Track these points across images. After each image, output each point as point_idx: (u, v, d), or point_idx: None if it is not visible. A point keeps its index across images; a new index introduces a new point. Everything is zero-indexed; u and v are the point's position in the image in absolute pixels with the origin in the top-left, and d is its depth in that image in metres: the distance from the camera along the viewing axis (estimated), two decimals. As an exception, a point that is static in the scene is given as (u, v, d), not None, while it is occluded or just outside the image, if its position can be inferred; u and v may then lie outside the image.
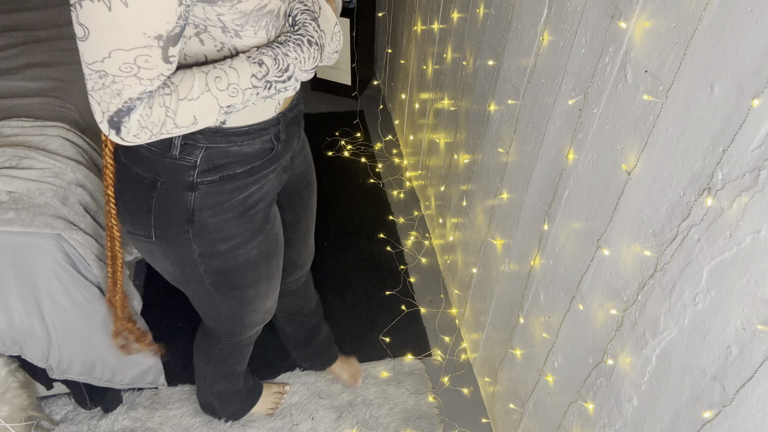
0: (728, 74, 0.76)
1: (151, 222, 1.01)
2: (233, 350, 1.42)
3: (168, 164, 0.95)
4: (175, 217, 1.00)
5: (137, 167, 0.98)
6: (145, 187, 0.98)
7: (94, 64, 0.74)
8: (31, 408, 1.45)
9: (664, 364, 0.93)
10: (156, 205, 0.99)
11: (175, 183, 0.97)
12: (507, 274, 1.53)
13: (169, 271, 1.10)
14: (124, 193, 1.02)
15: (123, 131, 0.79)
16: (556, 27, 1.17)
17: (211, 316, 1.25)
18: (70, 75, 1.66)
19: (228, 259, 1.07)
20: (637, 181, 0.96)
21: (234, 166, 0.98)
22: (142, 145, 0.95)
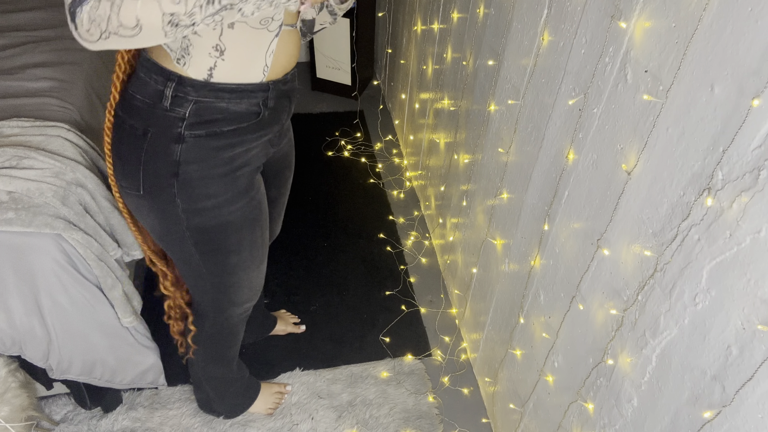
0: (728, 74, 0.76)
1: (140, 174, 1.05)
2: (221, 330, 1.43)
3: (159, 115, 1.01)
4: (162, 170, 1.04)
5: (131, 119, 1.03)
6: (137, 138, 1.03)
7: None
8: (31, 408, 1.45)
9: (664, 364, 0.93)
10: (145, 156, 1.04)
11: (164, 134, 1.02)
12: (507, 274, 1.53)
13: (155, 228, 1.14)
14: (119, 145, 1.07)
15: (77, 23, 0.80)
16: (556, 27, 1.17)
17: (196, 286, 1.28)
18: (70, 75, 1.66)
19: (210, 217, 1.11)
20: (637, 181, 0.96)
21: (221, 124, 1.03)
22: (136, 97, 1.02)
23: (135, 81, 1.03)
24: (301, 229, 2.31)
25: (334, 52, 2.90)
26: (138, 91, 1.02)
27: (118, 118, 1.06)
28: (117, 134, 1.07)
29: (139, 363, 1.60)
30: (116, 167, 1.10)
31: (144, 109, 1.02)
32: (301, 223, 2.34)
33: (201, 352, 1.51)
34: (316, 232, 2.31)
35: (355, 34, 2.78)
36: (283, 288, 2.06)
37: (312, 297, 2.06)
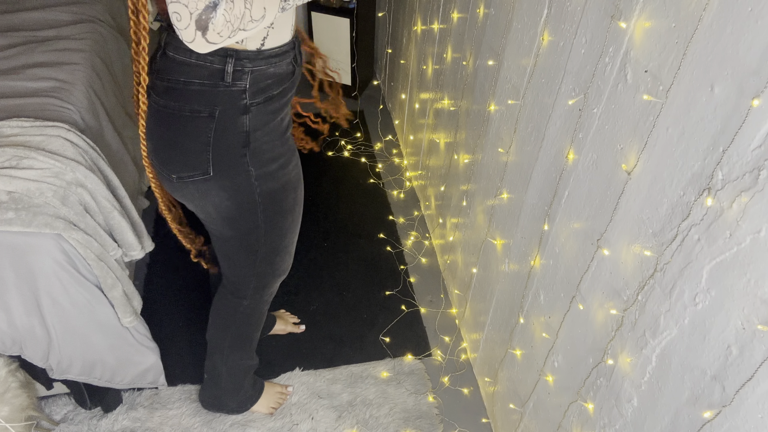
0: (728, 74, 0.76)
1: (209, 156, 1.08)
2: (255, 309, 1.46)
3: (222, 93, 1.04)
4: (234, 143, 1.08)
5: (192, 104, 1.05)
6: (202, 122, 1.06)
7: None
8: (31, 408, 1.45)
9: (664, 364, 0.93)
10: (214, 136, 1.07)
11: (232, 108, 1.05)
12: (507, 274, 1.53)
13: (222, 206, 1.16)
14: (175, 136, 1.08)
15: (209, 29, 0.86)
16: (556, 27, 1.17)
17: (244, 264, 1.32)
18: (70, 75, 1.66)
19: (277, 178, 1.18)
20: (637, 181, 0.96)
21: (273, 87, 1.08)
22: (192, 82, 1.03)
23: (182, 68, 1.03)
24: (301, 229, 2.31)
25: (334, 52, 2.90)
26: (193, 76, 1.03)
27: (168, 110, 1.07)
28: (171, 126, 1.08)
29: (139, 363, 1.60)
30: (173, 160, 1.11)
31: (205, 91, 1.04)
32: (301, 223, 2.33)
33: (228, 337, 1.52)
34: (316, 232, 2.31)
35: (355, 34, 2.78)
36: (283, 288, 2.06)
37: (312, 297, 2.06)
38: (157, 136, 1.11)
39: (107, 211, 1.44)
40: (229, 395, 1.65)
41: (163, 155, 1.12)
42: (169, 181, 1.15)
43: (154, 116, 1.10)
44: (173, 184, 1.15)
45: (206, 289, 2.03)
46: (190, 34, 0.87)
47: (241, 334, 1.52)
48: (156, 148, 1.13)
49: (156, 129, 1.11)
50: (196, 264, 2.11)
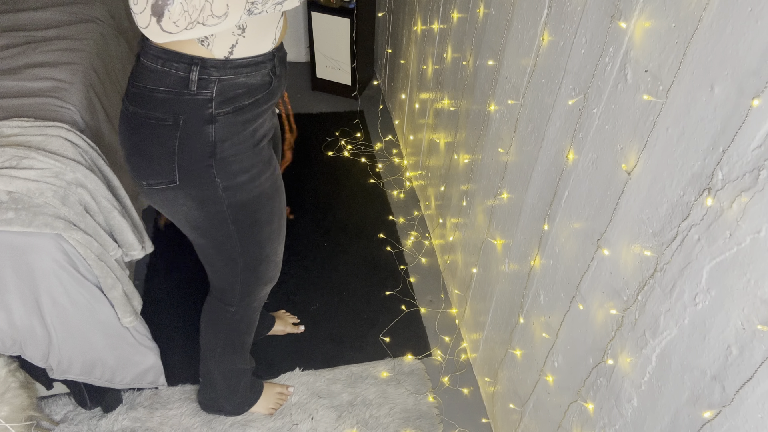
0: (728, 74, 0.76)
1: (174, 165, 1.07)
2: (244, 315, 1.46)
3: (187, 101, 1.02)
4: (199, 153, 1.06)
5: (156, 112, 1.03)
6: (167, 130, 1.04)
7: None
8: (31, 408, 1.45)
9: (664, 364, 0.93)
10: (179, 144, 1.05)
11: (197, 118, 1.04)
12: (507, 274, 1.53)
13: (192, 216, 1.15)
14: (142, 143, 1.07)
15: (165, 17, 0.83)
16: (556, 27, 1.17)
17: (226, 272, 1.31)
18: (70, 75, 1.66)
19: (248, 190, 1.15)
20: (637, 181, 0.96)
21: (243, 98, 1.06)
22: (157, 89, 1.02)
23: (149, 75, 1.03)
24: (300, 229, 2.31)
25: (334, 52, 2.90)
26: (157, 83, 1.02)
27: (138, 116, 1.06)
28: (139, 133, 1.07)
29: (139, 363, 1.60)
30: (141, 167, 1.10)
31: (170, 99, 1.02)
32: (301, 223, 2.34)
33: (220, 342, 1.52)
34: (316, 232, 2.31)
35: (355, 34, 2.78)
36: (283, 288, 2.06)
37: (312, 297, 2.06)
38: (127, 142, 1.10)
39: (107, 211, 1.44)
40: (225, 398, 1.65)
41: (132, 161, 1.11)
42: (140, 186, 1.14)
43: (125, 122, 1.09)
44: (144, 190, 1.14)
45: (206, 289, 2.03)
46: (144, 19, 0.85)
47: (233, 340, 1.52)
48: (127, 153, 1.12)
49: (126, 134, 1.10)
50: (196, 264, 2.11)
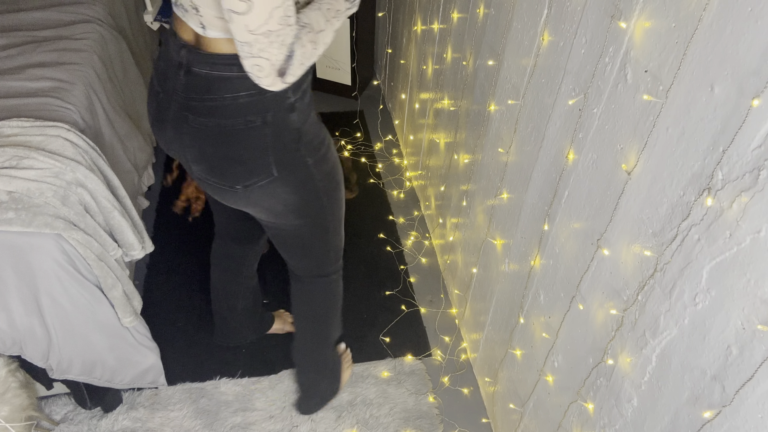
0: (728, 74, 0.76)
1: (269, 159, 1.11)
2: (339, 277, 1.53)
3: (270, 98, 1.06)
4: (289, 142, 1.12)
5: (244, 116, 1.06)
6: (256, 130, 1.07)
7: (260, 27, 0.87)
8: (31, 408, 1.45)
9: (664, 364, 0.93)
10: (271, 140, 1.09)
11: (281, 111, 1.08)
12: (507, 274, 1.53)
13: (290, 201, 1.20)
14: (233, 150, 1.09)
15: (288, 74, 0.95)
16: (556, 27, 1.17)
17: (320, 244, 1.38)
18: (70, 75, 1.66)
19: (328, 159, 1.23)
20: (637, 181, 0.96)
21: (304, 80, 1.12)
22: (241, 94, 1.04)
23: (226, 84, 1.03)
24: (301, 229, 2.31)
25: (334, 52, 2.90)
26: (239, 89, 1.03)
27: (221, 128, 1.06)
28: (229, 142, 1.08)
29: (139, 363, 1.60)
30: (235, 172, 1.11)
31: (253, 100, 1.05)
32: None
33: (330, 319, 1.56)
34: (316, 232, 2.31)
35: (355, 34, 2.78)
36: (283, 288, 2.06)
37: (312, 297, 2.06)
38: (214, 155, 1.10)
39: (107, 211, 1.44)
40: (331, 381, 1.70)
41: (223, 170, 1.12)
42: (232, 191, 1.15)
43: (204, 137, 1.08)
44: (238, 193, 1.15)
45: (206, 289, 2.03)
46: (268, 81, 0.95)
47: (337, 308, 1.57)
48: (211, 166, 1.12)
49: (210, 148, 1.09)
50: (196, 264, 2.11)
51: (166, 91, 1.10)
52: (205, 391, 1.76)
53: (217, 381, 1.78)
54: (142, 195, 2.05)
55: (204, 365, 1.82)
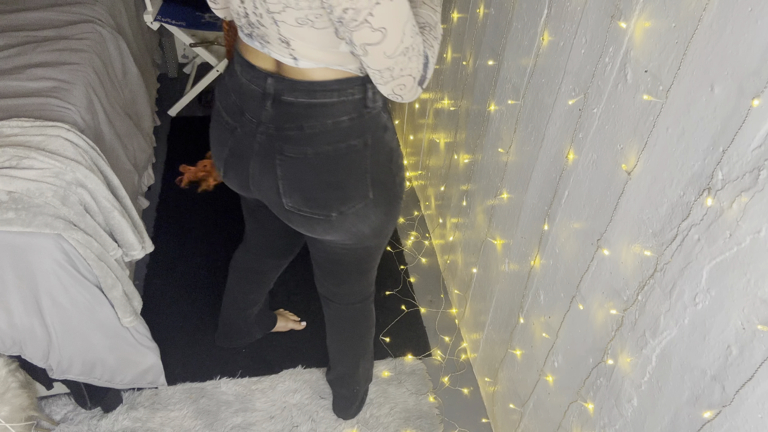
0: (728, 74, 0.76)
1: (367, 182, 1.08)
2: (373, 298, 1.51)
3: (368, 119, 1.04)
4: (384, 161, 1.10)
5: (346, 141, 1.04)
6: (358, 153, 1.05)
7: (397, 49, 0.87)
8: (31, 408, 1.45)
9: (664, 364, 0.93)
10: (370, 161, 1.07)
11: (378, 130, 1.07)
12: (507, 274, 1.53)
13: (377, 222, 1.15)
14: (334, 177, 1.06)
15: (425, 80, 0.95)
16: (556, 27, 1.17)
17: (373, 265, 1.34)
18: (70, 75, 1.66)
19: (403, 167, 1.20)
20: (637, 181, 0.96)
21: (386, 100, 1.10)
22: (342, 119, 1.02)
23: (325, 110, 1.00)
24: (301, 229, 2.31)
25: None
26: (339, 114, 1.01)
27: (322, 156, 1.04)
28: (330, 169, 1.05)
29: (139, 363, 1.60)
30: (333, 199, 1.08)
31: (354, 124, 1.03)
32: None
33: (370, 335, 1.55)
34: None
35: (355, 34, 2.77)
36: (283, 288, 2.06)
37: (312, 297, 2.05)
38: (309, 185, 1.07)
39: (107, 211, 1.44)
40: (367, 382, 1.71)
41: (319, 199, 1.08)
42: (326, 221, 1.10)
43: (300, 167, 1.05)
44: (331, 221, 1.10)
45: (206, 289, 2.03)
46: (411, 95, 0.95)
47: (374, 323, 1.54)
48: (308, 197, 1.08)
49: (307, 178, 1.06)
50: (196, 264, 2.11)
51: (245, 125, 1.06)
52: (206, 391, 1.76)
53: (218, 381, 1.78)
54: (142, 195, 2.05)
55: (204, 365, 1.82)
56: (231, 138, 1.10)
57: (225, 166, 1.15)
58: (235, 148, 1.10)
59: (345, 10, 0.82)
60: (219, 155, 1.16)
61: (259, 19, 0.94)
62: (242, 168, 1.11)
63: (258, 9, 0.92)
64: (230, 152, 1.12)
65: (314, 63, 0.96)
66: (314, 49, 0.94)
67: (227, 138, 1.11)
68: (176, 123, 2.79)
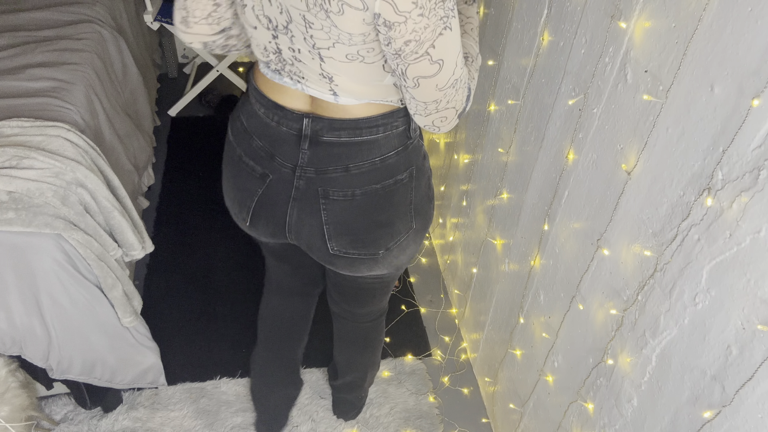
0: (728, 74, 0.76)
1: (411, 213, 1.05)
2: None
3: (411, 150, 1.01)
4: (425, 190, 1.07)
5: (394, 176, 1.00)
6: (405, 187, 1.02)
7: (448, 81, 0.84)
8: (31, 408, 1.45)
9: (664, 364, 0.93)
10: (414, 192, 1.04)
11: (420, 160, 1.04)
12: (507, 274, 1.53)
13: (413, 251, 1.12)
14: (384, 215, 1.02)
15: (465, 112, 0.93)
16: (556, 27, 1.17)
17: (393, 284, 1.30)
18: (70, 75, 1.66)
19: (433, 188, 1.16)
20: (637, 181, 0.96)
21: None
22: (389, 155, 0.98)
23: (372, 147, 0.96)
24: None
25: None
26: (387, 149, 0.97)
27: (371, 195, 0.99)
28: (381, 207, 1.01)
29: (139, 363, 1.60)
30: (382, 237, 1.04)
31: (400, 158, 0.99)
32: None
33: (381, 347, 1.55)
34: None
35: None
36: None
37: (312, 297, 2.06)
38: (358, 227, 1.01)
39: (107, 211, 1.44)
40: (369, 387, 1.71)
41: (368, 239, 1.03)
42: (371, 259, 1.06)
43: (347, 209, 1.00)
44: (376, 258, 1.06)
45: (206, 289, 2.03)
46: (450, 127, 0.92)
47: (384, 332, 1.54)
48: (356, 238, 1.02)
49: (357, 219, 1.00)
50: (196, 264, 2.11)
51: (278, 171, 0.99)
52: (206, 391, 1.76)
53: (218, 381, 1.78)
54: (142, 195, 2.05)
55: (204, 365, 1.82)
56: (261, 186, 1.02)
57: (253, 215, 1.06)
58: (268, 196, 1.02)
59: (407, 42, 0.78)
60: (243, 204, 1.06)
61: (295, 54, 0.88)
62: (277, 215, 1.04)
63: (295, 45, 0.86)
64: (260, 201, 1.04)
65: (355, 99, 0.92)
66: (358, 84, 0.90)
67: (255, 186, 1.03)
68: (176, 123, 2.79)
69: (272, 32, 0.88)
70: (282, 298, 1.46)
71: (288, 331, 1.52)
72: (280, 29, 0.86)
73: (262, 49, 0.93)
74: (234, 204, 1.09)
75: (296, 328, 1.54)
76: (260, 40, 0.92)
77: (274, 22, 0.86)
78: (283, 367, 1.58)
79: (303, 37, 0.84)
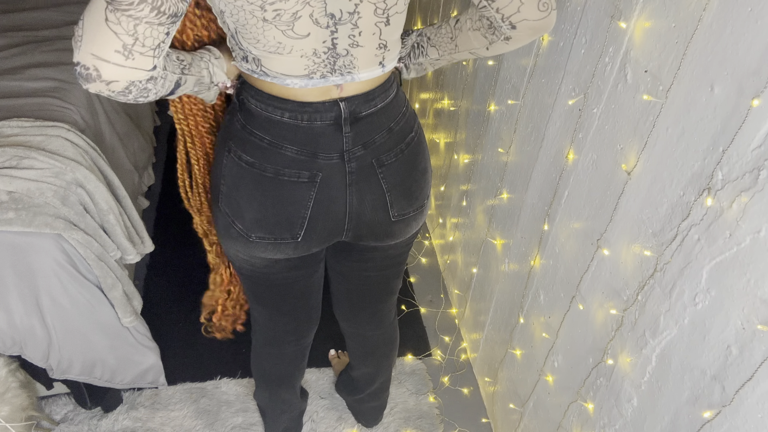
0: (728, 74, 0.76)
1: (428, 152, 1.11)
2: None
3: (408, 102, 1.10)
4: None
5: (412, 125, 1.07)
6: (422, 134, 1.10)
7: None
8: (31, 408, 1.45)
9: (664, 364, 0.93)
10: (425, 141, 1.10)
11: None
12: (507, 274, 1.53)
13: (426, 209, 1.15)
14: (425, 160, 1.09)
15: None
16: (556, 27, 1.17)
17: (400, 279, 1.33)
18: (70, 75, 1.66)
19: None
20: (637, 181, 0.96)
21: None
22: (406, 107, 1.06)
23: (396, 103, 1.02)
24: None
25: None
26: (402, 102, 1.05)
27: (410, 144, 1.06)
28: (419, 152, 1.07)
29: (139, 363, 1.60)
30: (426, 186, 1.09)
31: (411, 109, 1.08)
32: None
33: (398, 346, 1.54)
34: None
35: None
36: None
37: (312, 297, 2.06)
38: (411, 182, 1.05)
39: (104, 213, 1.44)
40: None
41: (416, 192, 1.06)
42: (420, 212, 1.09)
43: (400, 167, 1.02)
44: (423, 210, 1.09)
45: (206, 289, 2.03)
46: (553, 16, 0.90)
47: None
48: (411, 192, 1.05)
49: (409, 175, 1.04)
50: (196, 264, 2.11)
51: (326, 167, 0.96)
52: (206, 391, 1.76)
53: (218, 381, 1.78)
54: (143, 195, 2.05)
55: (204, 365, 1.82)
56: (312, 189, 0.97)
57: (309, 224, 1.00)
58: (323, 194, 0.97)
59: None
60: (293, 219, 0.99)
61: (354, 41, 0.87)
62: (336, 211, 1.00)
63: (356, 30, 0.86)
64: (316, 205, 0.98)
65: (394, 59, 0.97)
66: (397, 44, 0.95)
67: (306, 192, 0.97)
68: (176, 123, 2.79)
69: (331, 29, 0.85)
70: (277, 349, 1.42)
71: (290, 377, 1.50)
72: (342, 20, 0.85)
73: (308, 55, 0.87)
74: (276, 227, 0.99)
75: (297, 373, 1.51)
76: (306, 50, 0.86)
77: (337, 16, 0.84)
78: (288, 398, 1.55)
79: (374, 9, 0.85)
